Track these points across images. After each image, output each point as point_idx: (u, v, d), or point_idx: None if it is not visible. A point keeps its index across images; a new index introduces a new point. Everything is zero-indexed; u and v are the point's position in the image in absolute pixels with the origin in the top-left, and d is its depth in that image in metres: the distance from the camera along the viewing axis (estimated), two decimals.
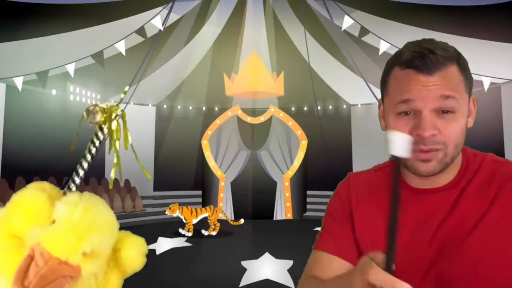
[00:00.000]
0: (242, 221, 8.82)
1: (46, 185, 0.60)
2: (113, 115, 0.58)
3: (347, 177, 1.00)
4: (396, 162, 0.68)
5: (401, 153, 0.68)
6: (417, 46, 0.80)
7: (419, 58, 0.77)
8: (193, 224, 8.55)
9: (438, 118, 0.77)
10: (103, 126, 0.58)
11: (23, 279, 0.52)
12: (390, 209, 0.64)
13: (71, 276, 0.55)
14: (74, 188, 0.55)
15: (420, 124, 0.77)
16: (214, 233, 8.66)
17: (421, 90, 0.77)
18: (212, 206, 8.87)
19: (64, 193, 0.59)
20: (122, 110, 0.58)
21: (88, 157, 0.57)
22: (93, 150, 0.58)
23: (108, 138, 0.60)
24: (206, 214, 8.64)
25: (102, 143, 0.59)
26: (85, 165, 0.57)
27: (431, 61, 0.77)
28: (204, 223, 8.76)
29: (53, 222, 0.56)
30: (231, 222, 8.80)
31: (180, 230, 8.61)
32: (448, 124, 0.77)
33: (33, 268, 0.53)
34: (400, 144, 0.69)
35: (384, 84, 0.87)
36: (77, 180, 0.56)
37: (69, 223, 0.56)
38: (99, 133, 0.59)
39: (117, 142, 0.59)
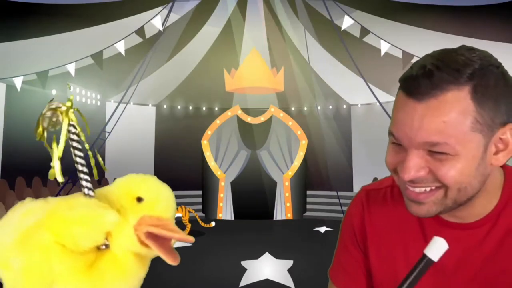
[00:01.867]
0: (213, 224, 8.77)
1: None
2: (63, 108, 0.55)
3: (359, 193, 0.84)
4: (426, 263, 0.56)
5: (434, 258, 0.56)
6: (426, 61, 0.60)
7: (412, 79, 0.60)
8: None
9: (430, 156, 0.60)
10: (69, 123, 0.55)
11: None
12: None
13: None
14: (92, 193, 0.53)
15: (403, 164, 0.61)
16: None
17: (405, 123, 0.60)
18: (183, 206, 8.63)
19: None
20: (70, 100, 0.55)
21: (79, 160, 0.55)
22: (78, 153, 0.55)
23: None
24: (179, 215, 8.51)
25: (80, 139, 0.56)
26: (84, 168, 0.55)
27: (425, 84, 0.58)
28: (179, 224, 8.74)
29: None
30: (202, 224, 8.72)
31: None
32: (442, 164, 0.59)
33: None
34: (438, 249, 0.56)
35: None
36: (89, 185, 0.54)
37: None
38: (71, 134, 0.56)
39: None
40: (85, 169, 0.54)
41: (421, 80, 0.58)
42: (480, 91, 0.58)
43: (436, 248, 0.55)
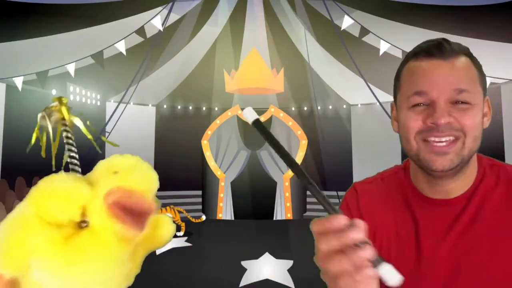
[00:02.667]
0: (203, 217, 8.79)
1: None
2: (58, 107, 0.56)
3: (353, 186, 0.94)
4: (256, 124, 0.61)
5: (251, 118, 0.61)
6: (431, 40, 0.79)
7: (434, 46, 0.77)
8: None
9: (453, 108, 0.73)
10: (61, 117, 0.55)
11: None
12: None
13: (149, 210, 0.50)
14: (77, 168, 0.53)
15: (434, 112, 0.73)
16: (181, 233, 8.53)
17: (435, 77, 0.74)
18: (172, 206, 8.64)
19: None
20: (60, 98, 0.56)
21: (72, 147, 0.56)
22: (72, 144, 0.56)
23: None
24: (169, 215, 8.48)
25: (71, 135, 0.57)
26: (74, 150, 0.56)
27: (446, 48, 0.75)
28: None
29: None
30: (193, 220, 8.73)
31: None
32: (464, 113, 0.73)
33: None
34: (249, 113, 0.62)
35: (397, 81, 0.83)
36: (76, 161, 0.54)
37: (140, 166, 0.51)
38: (65, 132, 0.57)
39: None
40: (76, 156, 0.54)
41: (442, 46, 0.76)
42: (475, 64, 0.77)
43: (248, 115, 0.60)
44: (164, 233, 0.55)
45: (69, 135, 0.56)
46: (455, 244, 0.76)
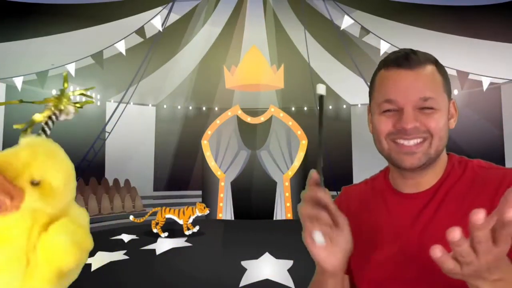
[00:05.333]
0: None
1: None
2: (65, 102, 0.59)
3: (341, 191, 1.04)
4: (321, 99, 0.74)
5: (322, 92, 0.74)
6: (399, 51, 0.86)
7: (402, 57, 0.83)
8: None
9: (420, 113, 0.81)
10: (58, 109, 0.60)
11: None
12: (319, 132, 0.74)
13: (11, 197, 0.50)
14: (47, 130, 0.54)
15: (402, 118, 0.80)
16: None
17: (403, 86, 0.81)
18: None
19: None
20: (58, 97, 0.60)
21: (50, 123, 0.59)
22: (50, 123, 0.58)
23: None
24: (174, 217, 8.52)
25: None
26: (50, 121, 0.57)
27: (413, 59, 0.82)
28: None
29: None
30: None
31: (188, 233, 8.48)
32: (430, 118, 0.80)
33: None
34: (322, 89, 0.74)
35: (371, 88, 0.90)
36: (48, 131, 0.56)
37: (25, 146, 0.53)
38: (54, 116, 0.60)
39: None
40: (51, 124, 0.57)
41: (409, 57, 0.82)
42: (441, 71, 0.84)
43: (321, 89, 0.73)
44: (64, 240, 0.52)
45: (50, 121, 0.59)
46: (422, 230, 0.83)
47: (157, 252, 6.74)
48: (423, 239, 0.82)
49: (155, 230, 8.30)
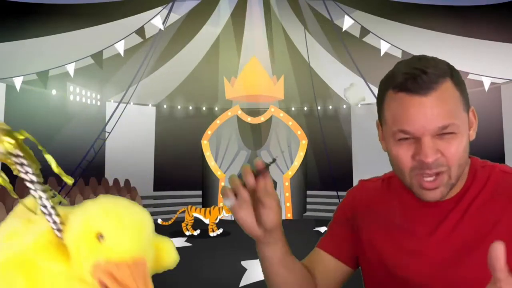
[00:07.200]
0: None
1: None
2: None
3: (358, 183, 1.02)
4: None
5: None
6: (408, 67, 0.77)
7: (411, 80, 0.74)
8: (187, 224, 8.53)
9: (439, 140, 0.74)
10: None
11: None
12: None
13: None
14: (59, 234, 0.48)
15: (421, 151, 0.74)
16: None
17: (418, 117, 0.74)
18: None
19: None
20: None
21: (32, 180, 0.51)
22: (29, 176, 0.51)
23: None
24: (200, 216, 8.54)
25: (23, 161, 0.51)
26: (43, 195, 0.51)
27: (424, 81, 0.73)
28: (199, 224, 8.75)
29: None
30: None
31: (213, 234, 8.48)
32: (449, 144, 0.74)
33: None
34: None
35: (379, 108, 0.84)
36: (58, 225, 0.48)
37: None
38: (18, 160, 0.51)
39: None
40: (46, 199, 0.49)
41: (419, 79, 0.73)
42: (456, 81, 0.76)
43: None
44: (167, 259, 0.56)
45: (20, 162, 0.51)
46: (444, 239, 0.80)
47: None
48: (443, 249, 0.80)
49: (187, 233, 8.36)
